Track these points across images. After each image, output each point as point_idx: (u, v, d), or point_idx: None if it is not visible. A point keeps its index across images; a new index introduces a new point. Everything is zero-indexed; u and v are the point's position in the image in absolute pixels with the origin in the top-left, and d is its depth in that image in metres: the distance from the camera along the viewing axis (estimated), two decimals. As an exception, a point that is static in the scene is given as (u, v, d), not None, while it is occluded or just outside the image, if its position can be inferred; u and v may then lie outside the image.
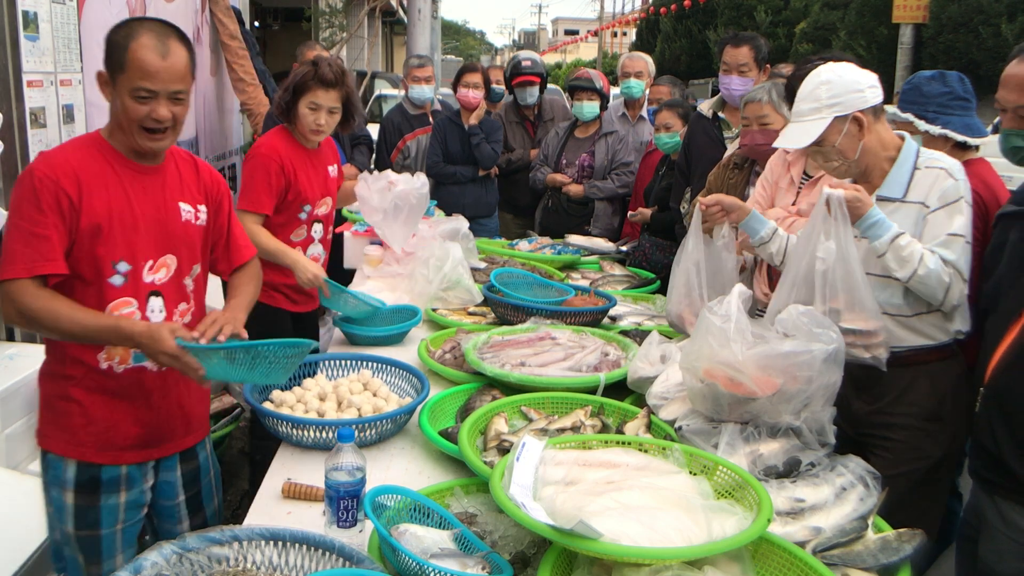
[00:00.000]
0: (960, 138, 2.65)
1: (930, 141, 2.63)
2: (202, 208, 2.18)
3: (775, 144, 2.48)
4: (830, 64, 2.37)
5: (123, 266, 2.01)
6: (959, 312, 2.32)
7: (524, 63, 5.24)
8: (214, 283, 2.41)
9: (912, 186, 2.31)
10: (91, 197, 1.95)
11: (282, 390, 2.41)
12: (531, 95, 5.27)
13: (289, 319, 3.24)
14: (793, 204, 2.88)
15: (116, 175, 2.01)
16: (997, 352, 2.07)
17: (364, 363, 2.60)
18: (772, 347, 1.99)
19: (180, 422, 2.20)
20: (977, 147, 2.70)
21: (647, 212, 4.30)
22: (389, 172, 3.67)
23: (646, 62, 5.32)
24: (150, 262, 2.06)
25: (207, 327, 1.98)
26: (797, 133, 2.33)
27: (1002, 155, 2.29)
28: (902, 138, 2.38)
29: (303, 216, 3.14)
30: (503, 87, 5.66)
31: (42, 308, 1.89)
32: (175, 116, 1.99)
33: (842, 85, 2.28)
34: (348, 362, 2.61)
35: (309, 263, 3.09)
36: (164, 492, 2.22)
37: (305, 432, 2.18)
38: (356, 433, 2.01)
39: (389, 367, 2.58)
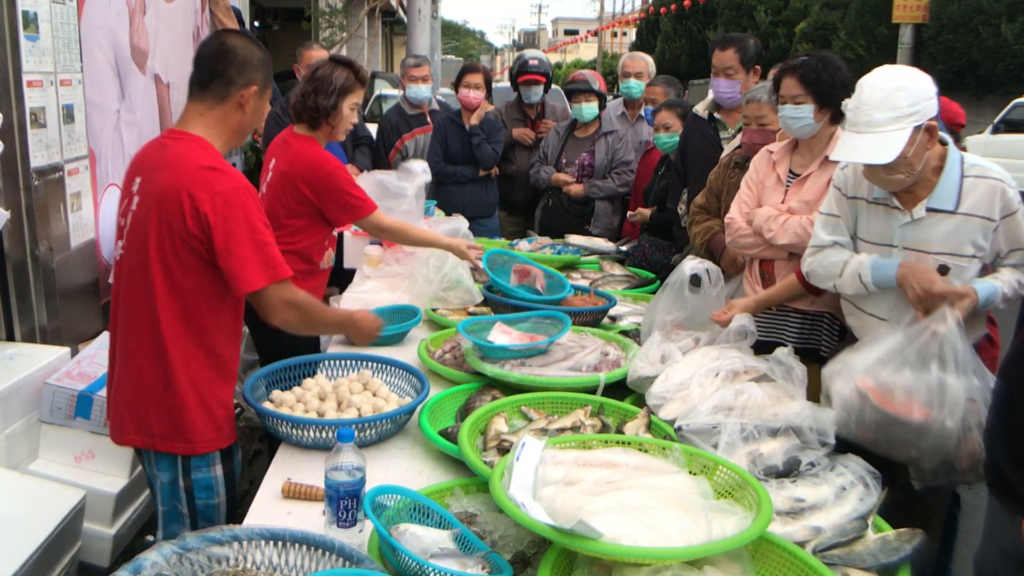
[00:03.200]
0: None
1: None
2: None
3: (835, 157, 2.26)
4: (893, 69, 2.19)
5: None
6: (983, 314, 2.34)
7: (531, 62, 5.22)
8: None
9: (963, 197, 2.23)
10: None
11: (282, 390, 2.41)
12: (535, 94, 5.26)
13: None
14: (782, 202, 2.89)
15: None
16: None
17: (364, 363, 2.60)
18: (944, 379, 1.99)
19: None
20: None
21: (646, 212, 4.30)
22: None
23: (646, 62, 5.32)
24: None
25: None
26: (876, 147, 2.11)
27: None
28: (944, 144, 2.28)
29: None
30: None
31: (306, 299, 2.24)
32: None
33: (919, 91, 2.12)
34: (348, 362, 2.61)
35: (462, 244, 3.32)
36: None
37: (305, 432, 2.18)
38: (356, 433, 2.01)
39: (389, 367, 2.58)
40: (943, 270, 2.26)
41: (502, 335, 2.61)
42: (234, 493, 2.29)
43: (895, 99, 2.11)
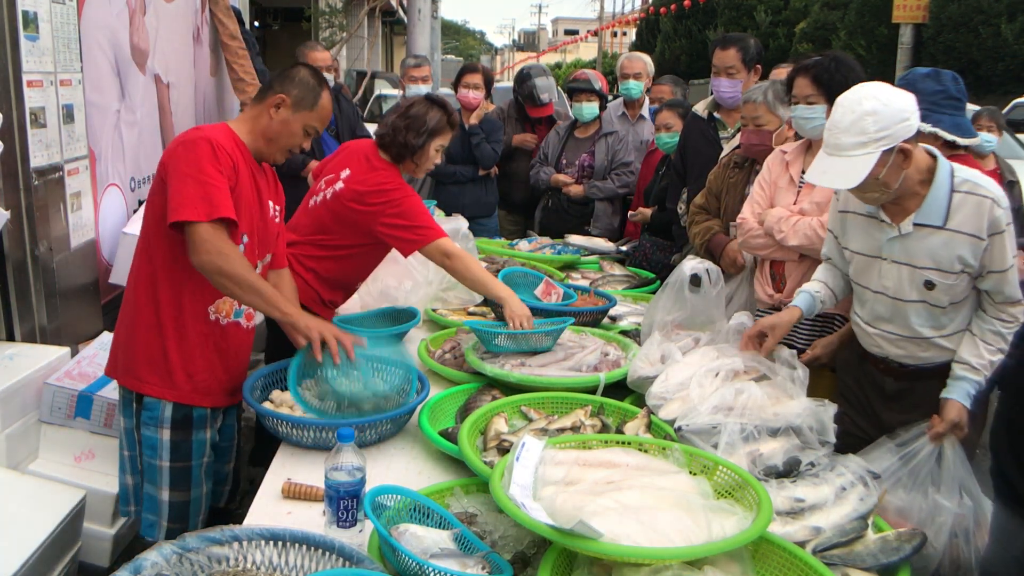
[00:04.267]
0: (949, 137, 2.63)
1: (919, 138, 2.60)
2: (278, 208, 2.54)
3: (807, 178, 2.23)
4: (870, 89, 2.14)
5: (245, 238, 2.34)
6: None
7: (542, 95, 5.12)
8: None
9: (952, 212, 2.19)
10: (240, 174, 2.30)
11: (282, 390, 2.41)
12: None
13: None
14: (794, 203, 2.88)
15: (247, 166, 2.36)
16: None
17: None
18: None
19: (243, 377, 2.49)
20: (965, 147, 2.69)
21: (647, 212, 4.31)
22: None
23: (645, 63, 5.32)
24: (255, 241, 2.41)
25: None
26: (842, 171, 2.11)
27: None
28: (932, 156, 2.24)
29: None
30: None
31: (234, 252, 2.20)
32: None
33: (889, 116, 2.07)
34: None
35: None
36: (225, 434, 2.54)
37: (305, 432, 2.18)
38: (356, 433, 2.01)
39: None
40: (929, 286, 2.24)
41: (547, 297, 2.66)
42: (187, 466, 2.38)
43: (863, 124, 2.07)
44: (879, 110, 2.07)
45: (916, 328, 2.30)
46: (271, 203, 2.49)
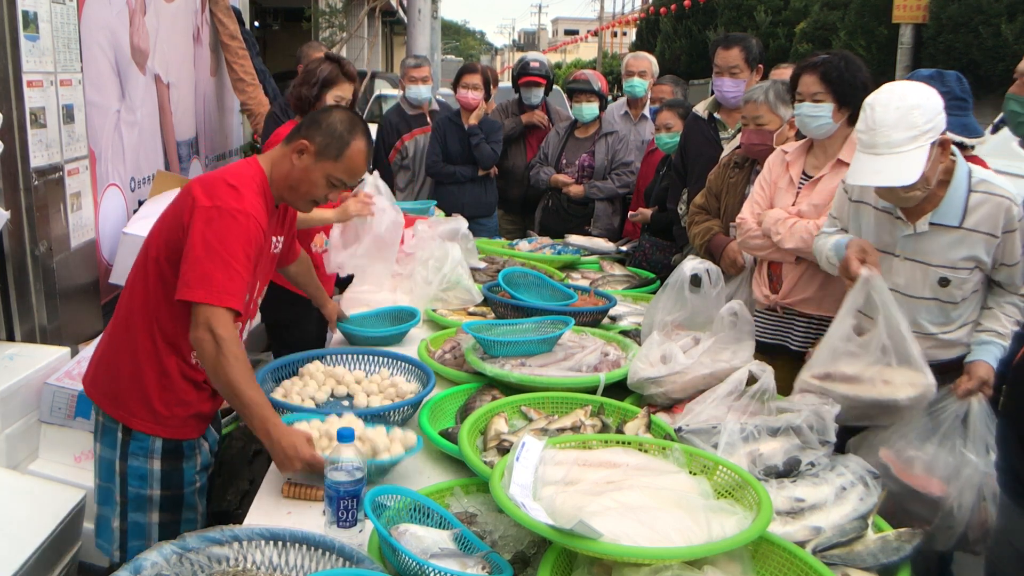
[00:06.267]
0: (957, 139, 2.63)
1: None
2: (281, 239, 2.41)
3: (854, 181, 2.23)
4: (905, 86, 2.15)
5: (247, 296, 2.20)
6: None
7: (532, 64, 5.29)
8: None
9: (969, 212, 2.21)
10: (267, 240, 2.22)
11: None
12: (536, 96, 5.29)
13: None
14: (793, 204, 2.88)
15: (268, 224, 2.22)
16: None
17: (370, 357, 2.62)
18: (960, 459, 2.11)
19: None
20: (972, 147, 2.69)
21: (647, 212, 4.31)
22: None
23: (650, 62, 5.34)
24: (258, 288, 2.33)
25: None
26: (896, 168, 2.07)
27: (1007, 124, 2.32)
28: (952, 157, 2.24)
29: None
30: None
31: (232, 340, 2.01)
32: None
33: (931, 108, 2.08)
34: (353, 356, 2.64)
35: None
36: (210, 438, 2.42)
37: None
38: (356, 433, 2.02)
39: (394, 360, 2.62)
40: (943, 282, 2.26)
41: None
42: (180, 493, 2.26)
43: (911, 118, 2.07)
44: (923, 103, 2.09)
45: (923, 324, 2.32)
46: (275, 239, 2.35)
